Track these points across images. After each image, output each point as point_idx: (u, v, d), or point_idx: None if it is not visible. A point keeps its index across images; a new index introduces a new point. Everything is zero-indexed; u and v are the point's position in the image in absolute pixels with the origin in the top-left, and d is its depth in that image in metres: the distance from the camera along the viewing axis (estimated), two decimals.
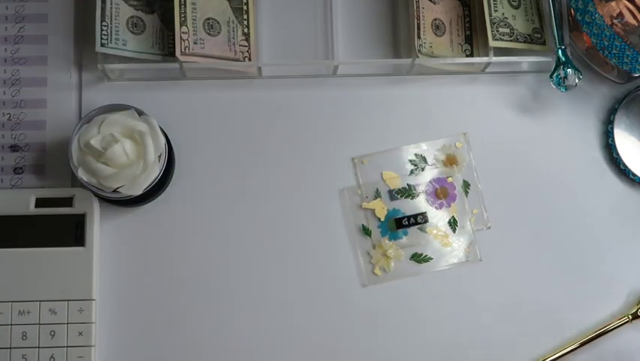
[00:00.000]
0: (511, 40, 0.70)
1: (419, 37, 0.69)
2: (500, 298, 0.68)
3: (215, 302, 0.66)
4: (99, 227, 0.66)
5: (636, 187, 0.71)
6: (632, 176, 0.70)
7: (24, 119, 0.68)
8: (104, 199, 0.65)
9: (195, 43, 0.67)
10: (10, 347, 0.63)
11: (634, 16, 0.66)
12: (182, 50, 0.66)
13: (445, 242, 0.68)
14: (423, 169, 0.69)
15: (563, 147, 0.71)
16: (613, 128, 0.71)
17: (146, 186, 0.62)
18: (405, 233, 0.68)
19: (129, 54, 0.67)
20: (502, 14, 0.70)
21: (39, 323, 0.64)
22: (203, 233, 0.67)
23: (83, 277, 0.64)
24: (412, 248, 0.68)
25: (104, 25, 0.66)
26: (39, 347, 0.63)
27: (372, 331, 0.66)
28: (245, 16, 0.69)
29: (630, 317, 0.67)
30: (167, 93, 0.70)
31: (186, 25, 0.67)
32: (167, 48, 0.69)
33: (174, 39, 0.66)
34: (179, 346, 0.66)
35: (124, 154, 0.62)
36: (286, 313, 0.66)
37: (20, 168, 0.68)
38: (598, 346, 0.67)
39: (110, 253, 0.66)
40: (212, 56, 0.67)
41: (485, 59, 0.70)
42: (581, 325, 0.67)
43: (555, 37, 0.70)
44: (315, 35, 0.72)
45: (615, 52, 0.67)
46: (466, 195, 0.69)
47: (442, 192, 0.68)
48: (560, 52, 0.69)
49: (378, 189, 0.68)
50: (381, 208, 0.68)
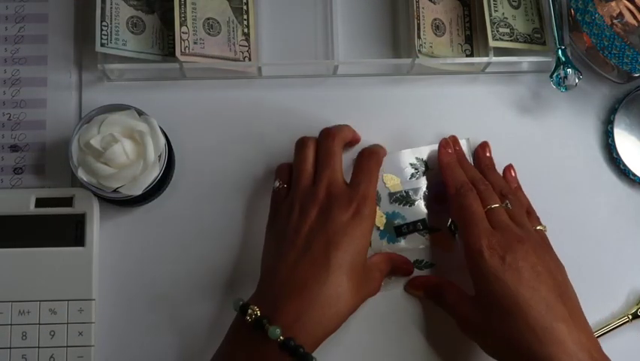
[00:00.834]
0: (511, 41, 0.70)
1: (419, 37, 0.69)
2: None
3: (216, 302, 0.66)
4: (99, 227, 0.66)
5: (636, 187, 0.71)
6: (632, 176, 0.70)
7: (24, 119, 0.68)
8: (104, 199, 0.65)
9: (195, 43, 0.67)
10: (10, 347, 0.63)
11: (634, 16, 0.66)
12: (182, 50, 0.66)
13: (448, 247, 0.67)
14: (423, 173, 0.68)
15: (563, 147, 0.71)
16: (613, 128, 0.71)
17: (146, 186, 0.62)
18: (403, 237, 0.67)
19: (129, 54, 0.67)
20: (502, 14, 0.70)
21: (39, 323, 0.64)
22: (203, 233, 0.67)
23: (82, 277, 0.64)
24: (411, 253, 0.67)
25: (103, 25, 0.66)
26: (39, 347, 0.63)
27: (375, 334, 0.66)
28: (245, 16, 0.69)
29: (630, 317, 0.67)
30: (167, 93, 0.70)
31: (186, 25, 0.67)
32: (167, 48, 0.69)
33: (174, 39, 0.66)
34: (179, 346, 0.66)
35: (124, 154, 0.62)
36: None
37: (20, 168, 0.68)
38: None
39: (110, 253, 0.66)
40: (212, 56, 0.67)
41: (485, 59, 0.70)
42: None
43: (555, 38, 0.70)
44: (315, 35, 0.72)
45: (615, 52, 0.67)
46: None
47: (442, 196, 0.67)
48: (560, 52, 0.69)
49: (378, 192, 0.67)
50: (380, 217, 0.67)
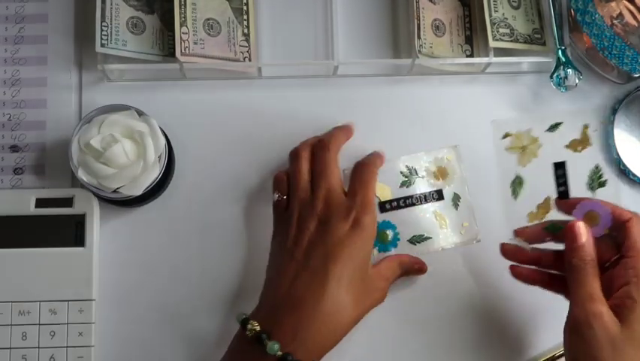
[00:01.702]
0: (511, 41, 0.70)
1: (419, 37, 0.69)
2: (501, 298, 0.68)
3: (215, 302, 0.66)
4: (99, 227, 0.66)
5: (636, 187, 0.71)
6: (632, 176, 0.70)
7: (24, 120, 0.68)
8: (104, 199, 0.65)
9: (195, 43, 0.67)
10: (10, 347, 0.63)
11: (634, 17, 0.66)
12: (182, 51, 0.66)
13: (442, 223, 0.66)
14: (413, 182, 0.67)
15: (562, 146, 0.71)
16: (613, 128, 0.71)
17: (146, 186, 0.62)
18: (394, 246, 0.66)
19: (129, 54, 0.67)
20: (502, 15, 0.70)
21: (39, 323, 0.64)
22: (203, 233, 0.67)
23: (82, 278, 0.64)
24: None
25: (104, 26, 0.66)
26: (39, 348, 0.63)
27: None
28: (245, 17, 0.69)
29: None
30: (167, 93, 0.70)
31: (186, 26, 0.67)
32: (167, 48, 0.69)
33: (174, 39, 0.66)
34: (179, 346, 0.66)
35: (124, 154, 0.62)
36: None
37: (20, 169, 0.68)
38: None
39: (110, 253, 0.66)
40: (212, 57, 0.67)
41: (485, 60, 0.70)
42: None
43: (555, 38, 0.70)
44: (315, 35, 0.72)
45: (615, 52, 0.67)
46: (456, 209, 0.67)
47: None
48: (560, 52, 0.69)
49: None
50: None
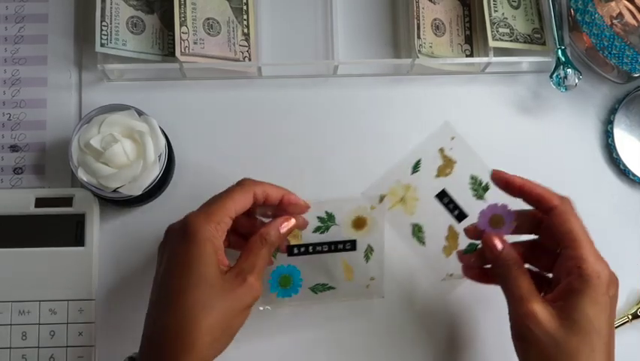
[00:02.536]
0: (511, 41, 0.70)
1: (419, 37, 0.69)
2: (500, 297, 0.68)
3: None
4: (99, 227, 0.66)
5: (636, 187, 0.71)
6: (632, 176, 0.70)
7: (24, 119, 0.68)
8: (103, 199, 0.65)
9: (195, 43, 0.67)
10: (10, 347, 0.63)
11: (634, 17, 0.66)
12: (182, 50, 0.66)
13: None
14: (329, 229, 0.62)
15: (562, 147, 0.71)
16: (613, 128, 0.71)
17: (146, 186, 0.62)
18: (295, 292, 0.60)
19: (129, 54, 0.67)
20: (502, 14, 0.70)
21: (39, 323, 0.64)
22: None
23: (82, 277, 0.64)
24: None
25: (103, 26, 0.66)
26: (39, 347, 0.63)
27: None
28: (245, 16, 0.69)
29: (630, 317, 0.68)
30: (167, 93, 0.70)
31: (186, 25, 0.67)
32: (167, 48, 0.69)
33: (174, 39, 0.66)
34: None
35: (124, 154, 0.62)
36: (285, 313, 0.66)
37: (20, 168, 0.68)
38: None
39: (110, 253, 0.66)
40: (212, 56, 0.67)
41: (485, 59, 0.70)
42: None
43: (555, 38, 0.70)
44: (315, 35, 0.72)
45: (615, 52, 0.67)
46: (367, 261, 0.63)
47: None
48: (560, 52, 0.69)
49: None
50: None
